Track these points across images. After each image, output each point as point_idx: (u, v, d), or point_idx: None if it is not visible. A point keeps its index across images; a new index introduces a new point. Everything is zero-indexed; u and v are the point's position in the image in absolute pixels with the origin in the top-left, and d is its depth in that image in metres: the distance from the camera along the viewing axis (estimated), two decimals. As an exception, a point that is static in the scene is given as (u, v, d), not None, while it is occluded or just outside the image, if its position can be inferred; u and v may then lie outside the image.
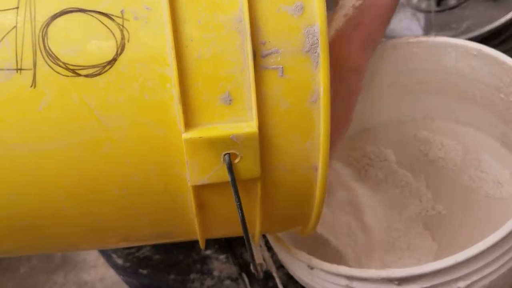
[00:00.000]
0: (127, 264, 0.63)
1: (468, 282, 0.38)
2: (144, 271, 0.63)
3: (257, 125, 0.31)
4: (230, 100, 0.31)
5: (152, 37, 0.30)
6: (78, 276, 1.15)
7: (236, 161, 0.31)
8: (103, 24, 0.30)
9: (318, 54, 0.31)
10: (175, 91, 0.30)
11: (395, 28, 0.98)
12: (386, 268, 0.38)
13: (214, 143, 0.31)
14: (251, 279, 0.62)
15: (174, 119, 0.30)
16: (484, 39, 0.90)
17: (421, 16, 0.99)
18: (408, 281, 0.37)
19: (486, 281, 0.38)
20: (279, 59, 0.31)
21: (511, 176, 0.50)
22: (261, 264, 0.51)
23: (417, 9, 1.00)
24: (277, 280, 0.52)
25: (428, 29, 0.96)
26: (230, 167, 0.31)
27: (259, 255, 0.52)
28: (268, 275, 0.51)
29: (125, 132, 0.30)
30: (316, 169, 0.34)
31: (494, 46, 0.92)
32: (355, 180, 0.59)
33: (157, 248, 0.62)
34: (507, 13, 0.89)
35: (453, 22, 0.96)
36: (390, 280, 0.37)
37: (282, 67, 0.31)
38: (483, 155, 0.54)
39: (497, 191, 0.51)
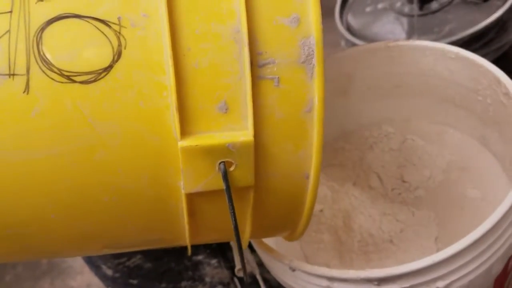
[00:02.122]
0: (117, 275, 0.62)
1: (447, 281, 0.39)
2: (135, 281, 0.62)
3: (253, 134, 0.31)
4: (227, 109, 0.31)
5: (149, 45, 0.29)
6: (65, 282, 1.13)
7: (231, 169, 0.32)
8: (100, 30, 0.29)
9: (314, 65, 0.31)
10: (171, 99, 0.30)
11: (378, 32, 1.00)
12: (366, 269, 0.39)
13: (210, 151, 0.31)
14: (243, 284, 0.62)
15: (169, 127, 0.30)
16: (466, 43, 0.92)
17: (404, 20, 1.01)
18: (388, 281, 0.38)
19: (464, 281, 0.40)
20: (275, 69, 0.31)
21: (492, 176, 0.52)
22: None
23: (400, 13, 1.02)
24: (260, 283, 0.53)
25: (411, 33, 0.98)
26: (225, 176, 0.31)
27: (244, 258, 0.52)
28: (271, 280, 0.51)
29: (119, 140, 0.30)
30: (308, 177, 0.34)
31: (476, 49, 0.95)
32: (336, 181, 0.60)
33: (148, 256, 0.61)
34: (488, 16, 0.92)
35: (435, 26, 0.98)
36: (369, 281, 0.38)
37: (278, 77, 0.31)
38: (464, 156, 0.56)
39: (478, 191, 0.52)
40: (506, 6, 0.86)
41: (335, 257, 0.54)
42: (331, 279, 0.40)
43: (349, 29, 1.06)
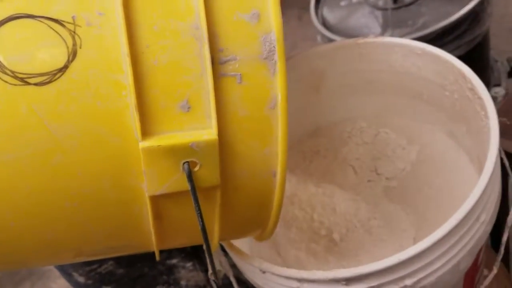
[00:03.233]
0: (89, 282, 0.61)
1: (414, 279, 0.39)
2: (108, 287, 0.61)
3: (217, 132, 0.31)
4: (189, 108, 0.30)
5: (106, 43, 0.29)
6: (46, 285, 1.11)
7: (196, 169, 0.31)
8: (54, 30, 0.28)
9: (275, 61, 0.31)
10: (131, 99, 0.29)
11: (354, 26, 1.01)
12: (333, 269, 0.39)
13: (173, 152, 0.30)
14: (218, 286, 0.61)
15: (130, 128, 0.30)
16: (439, 35, 0.93)
17: (378, 13, 1.02)
18: (355, 281, 0.38)
19: (432, 278, 0.40)
20: (237, 66, 0.31)
21: (461, 169, 0.52)
22: (219, 271, 0.51)
23: (375, 6, 1.03)
24: (234, 285, 0.52)
25: (385, 27, 0.99)
26: (190, 176, 0.31)
27: (217, 260, 0.51)
28: (237, 281, 0.50)
29: (77, 142, 0.29)
30: (275, 174, 0.34)
31: (450, 41, 0.96)
32: (312, 176, 0.60)
33: (120, 262, 0.60)
34: (461, 8, 0.93)
35: (409, 19, 0.99)
36: (337, 281, 0.38)
37: (240, 74, 0.31)
38: (434, 150, 0.56)
39: (448, 184, 0.52)
40: (478, -2, 0.87)
41: (310, 253, 0.54)
42: (301, 280, 0.40)
43: (324, 23, 1.06)
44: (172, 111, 0.30)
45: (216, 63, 0.30)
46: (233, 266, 0.51)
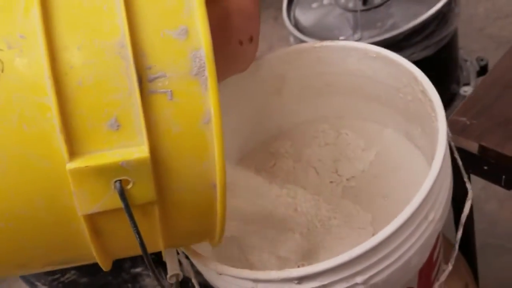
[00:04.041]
0: None
1: (365, 276, 0.39)
2: None
3: (149, 150, 0.31)
4: (118, 126, 0.30)
5: (29, 66, 0.29)
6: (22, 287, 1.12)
7: (129, 187, 0.31)
8: (-26, 54, 0.28)
9: (206, 77, 0.31)
10: (56, 120, 0.29)
11: (325, 28, 1.01)
12: (286, 269, 0.39)
13: (102, 171, 0.30)
14: None
15: (58, 149, 0.29)
16: (408, 35, 0.94)
17: (349, 15, 1.02)
18: (307, 279, 0.39)
19: (383, 275, 0.40)
20: (167, 83, 0.31)
21: (417, 169, 0.53)
22: (177, 275, 0.51)
23: (345, 8, 1.03)
24: (196, 287, 0.52)
25: (356, 28, 0.99)
26: (122, 194, 0.31)
27: (176, 264, 0.51)
28: (207, 285, 0.51)
29: (5, 166, 0.29)
30: (215, 187, 0.34)
31: (418, 42, 0.96)
32: (277, 178, 0.60)
33: (82, 271, 0.60)
34: (429, 9, 0.93)
35: (378, 21, 0.99)
36: (290, 280, 0.39)
37: (171, 91, 0.31)
38: (392, 151, 0.57)
39: (405, 183, 0.53)
40: (445, -1, 0.88)
41: (272, 254, 0.55)
42: (255, 280, 0.40)
43: (297, 25, 1.06)
44: (100, 130, 0.30)
45: (145, 80, 0.30)
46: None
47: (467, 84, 1.10)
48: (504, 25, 1.38)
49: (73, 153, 0.29)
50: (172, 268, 0.51)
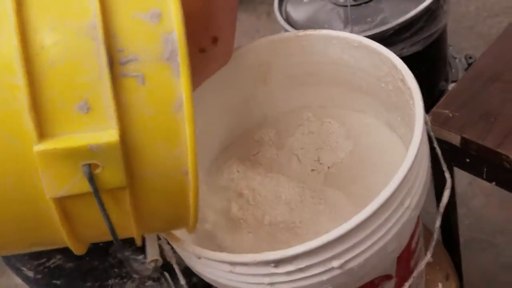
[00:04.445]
0: (39, 276, 0.60)
1: (341, 261, 0.40)
2: (58, 282, 0.61)
3: (119, 134, 0.30)
4: (88, 109, 0.30)
5: (0, 47, 0.28)
6: (10, 278, 1.12)
7: (98, 171, 0.31)
8: None
9: (178, 62, 0.31)
10: (26, 100, 0.29)
11: (316, 22, 1.01)
12: (263, 252, 0.39)
13: (70, 154, 0.30)
14: (173, 277, 0.62)
15: (28, 130, 0.29)
16: (397, 31, 0.94)
17: (340, 10, 1.02)
18: (284, 263, 0.39)
19: (359, 260, 0.41)
20: (138, 66, 0.30)
21: (398, 158, 0.52)
22: (156, 260, 0.51)
23: (336, 3, 1.03)
24: (178, 272, 0.52)
25: (346, 23, 0.99)
26: (91, 178, 0.31)
27: (156, 249, 0.51)
28: (191, 272, 0.51)
29: (-25, 145, 0.29)
30: (187, 174, 0.34)
31: (407, 37, 0.97)
32: (259, 166, 0.60)
33: (68, 255, 0.60)
34: (418, 5, 0.93)
35: (368, 16, 0.99)
36: (267, 263, 0.40)
37: (142, 75, 0.31)
38: (374, 140, 0.57)
39: (386, 171, 0.53)
40: (434, -5, 0.88)
41: (256, 240, 0.55)
42: (233, 263, 0.41)
43: (288, 20, 1.06)
44: (70, 113, 0.30)
45: (116, 63, 0.30)
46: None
47: (456, 81, 1.10)
48: (493, 24, 1.39)
49: (42, 135, 0.29)
50: (152, 254, 0.52)
